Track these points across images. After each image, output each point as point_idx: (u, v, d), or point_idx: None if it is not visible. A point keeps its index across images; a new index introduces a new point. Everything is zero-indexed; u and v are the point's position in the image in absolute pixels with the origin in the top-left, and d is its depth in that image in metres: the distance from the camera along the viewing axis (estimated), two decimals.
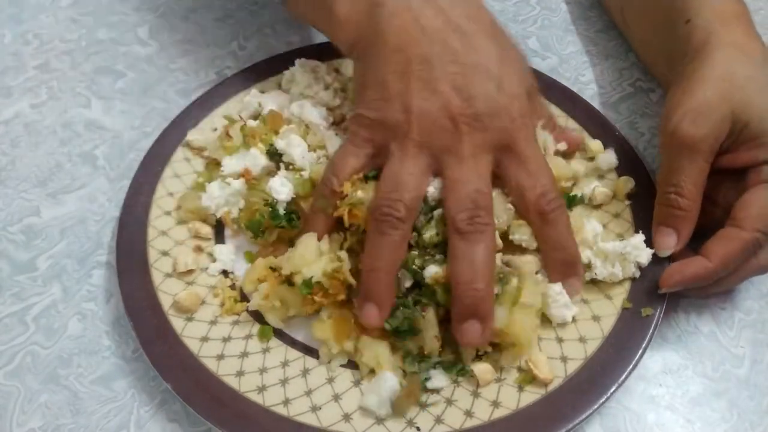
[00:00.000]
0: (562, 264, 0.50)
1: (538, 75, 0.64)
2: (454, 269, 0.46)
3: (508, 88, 0.48)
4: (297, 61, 0.63)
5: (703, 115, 0.49)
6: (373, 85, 0.49)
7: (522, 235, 0.50)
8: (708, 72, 0.51)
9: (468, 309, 0.46)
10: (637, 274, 0.51)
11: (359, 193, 0.49)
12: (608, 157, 0.58)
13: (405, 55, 0.48)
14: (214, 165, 0.58)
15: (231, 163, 0.56)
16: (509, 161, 0.48)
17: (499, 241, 0.50)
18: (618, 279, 0.51)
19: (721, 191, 0.52)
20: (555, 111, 0.62)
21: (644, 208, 0.55)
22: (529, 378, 0.47)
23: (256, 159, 0.56)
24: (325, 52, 0.64)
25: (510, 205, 0.50)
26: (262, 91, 0.63)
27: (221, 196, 0.55)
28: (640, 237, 0.52)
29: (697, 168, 0.50)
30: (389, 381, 0.46)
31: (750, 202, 0.49)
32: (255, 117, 0.61)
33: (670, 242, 0.51)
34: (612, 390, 0.46)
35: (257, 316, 0.51)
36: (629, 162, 0.58)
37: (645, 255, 0.51)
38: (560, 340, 0.49)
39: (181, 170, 0.58)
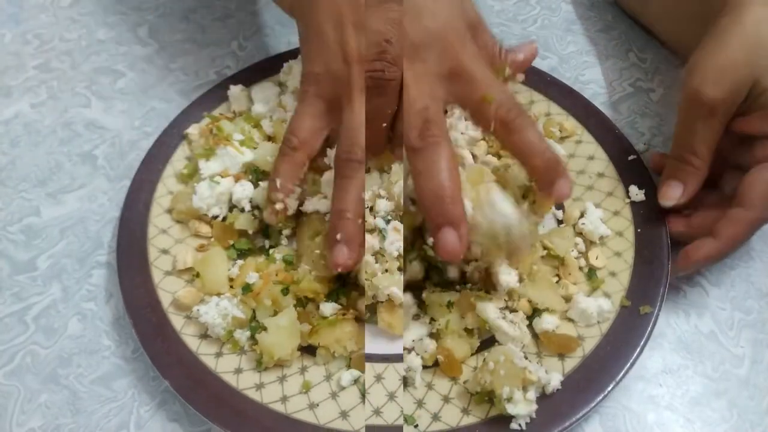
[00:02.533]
0: (545, 170, 0.48)
1: (538, 72, 0.65)
2: (418, 185, 0.46)
3: (442, 18, 0.47)
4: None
5: (726, 76, 0.48)
6: (313, 38, 0.49)
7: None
8: (736, 30, 0.49)
9: (439, 218, 0.45)
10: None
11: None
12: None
13: (336, 3, 0.48)
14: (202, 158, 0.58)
15: (208, 165, 0.56)
16: (460, 85, 0.48)
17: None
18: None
19: (734, 152, 0.52)
20: (554, 108, 0.63)
21: (645, 206, 0.55)
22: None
23: (235, 158, 0.56)
24: None
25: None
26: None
27: (211, 196, 0.54)
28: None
29: (712, 130, 0.50)
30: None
31: (756, 182, 0.50)
32: (242, 112, 0.61)
33: (675, 193, 0.51)
34: (609, 389, 0.46)
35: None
36: (628, 159, 0.58)
37: None
38: None
39: (181, 169, 0.58)
